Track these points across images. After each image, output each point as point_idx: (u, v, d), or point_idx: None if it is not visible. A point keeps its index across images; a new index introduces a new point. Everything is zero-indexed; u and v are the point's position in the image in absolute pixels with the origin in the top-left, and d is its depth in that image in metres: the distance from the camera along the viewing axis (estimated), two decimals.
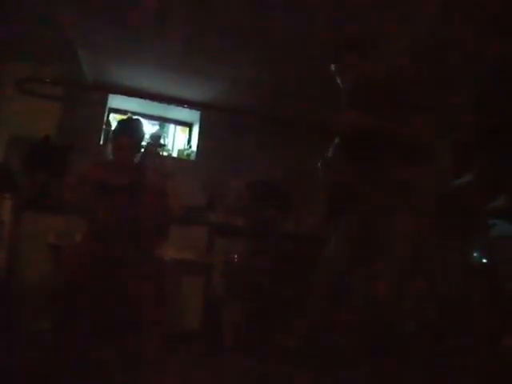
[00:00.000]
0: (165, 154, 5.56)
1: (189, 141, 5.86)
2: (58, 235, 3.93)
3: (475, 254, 3.38)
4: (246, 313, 4.08)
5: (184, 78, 4.96)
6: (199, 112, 5.75)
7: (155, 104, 5.50)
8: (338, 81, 2.70)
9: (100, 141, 5.25)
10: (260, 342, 3.72)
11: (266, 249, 4.51)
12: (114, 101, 5.50)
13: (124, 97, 5.41)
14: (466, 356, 2.87)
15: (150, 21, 3.95)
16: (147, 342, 2.63)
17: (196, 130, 5.79)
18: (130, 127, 3.01)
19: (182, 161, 5.60)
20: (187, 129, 5.95)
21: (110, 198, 2.70)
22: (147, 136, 3.08)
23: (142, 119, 3.17)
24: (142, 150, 2.97)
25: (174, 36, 4.18)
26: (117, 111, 5.63)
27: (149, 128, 5.43)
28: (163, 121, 5.81)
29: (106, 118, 5.45)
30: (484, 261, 3.34)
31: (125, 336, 2.57)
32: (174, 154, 5.71)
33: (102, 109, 5.36)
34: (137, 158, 2.94)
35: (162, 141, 3.11)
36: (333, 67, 2.71)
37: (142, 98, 5.35)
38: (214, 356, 3.46)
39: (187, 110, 5.68)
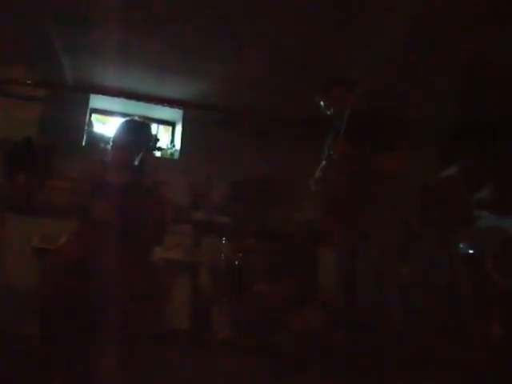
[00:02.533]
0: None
1: (172, 140, 5.83)
2: (42, 238, 3.88)
3: (462, 245, 3.42)
4: (235, 311, 4.08)
5: (166, 76, 4.93)
6: (182, 111, 5.72)
7: (137, 103, 5.46)
8: (328, 112, 2.84)
9: (82, 141, 5.20)
10: (249, 341, 3.72)
11: (253, 247, 4.51)
12: (96, 101, 5.45)
13: (106, 97, 5.36)
14: (454, 344, 2.90)
15: (131, 20, 3.92)
16: (135, 343, 2.61)
17: (179, 128, 5.76)
18: (132, 128, 2.96)
19: (165, 160, 5.57)
20: (170, 128, 5.93)
21: (106, 197, 2.66)
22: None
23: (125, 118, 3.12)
24: (142, 152, 2.91)
25: (155, 35, 4.15)
26: (98, 111, 5.58)
27: None
28: (146, 120, 5.76)
29: (87, 119, 5.39)
30: (470, 251, 3.38)
31: (113, 337, 2.53)
32: (158, 154, 5.67)
33: (83, 109, 5.31)
34: (136, 160, 2.89)
35: (158, 144, 3.07)
36: (321, 103, 2.86)
37: (123, 97, 5.30)
38: (202, 355, 3.45)
39: (170, 109, 5.65)
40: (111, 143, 2.91)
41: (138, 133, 2.91)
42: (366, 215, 2.61)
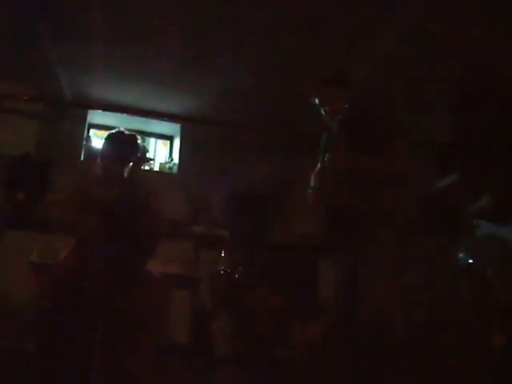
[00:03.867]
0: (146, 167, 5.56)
1: (170, 154, 5.84)
2: (40, 253, 3.86)
3: (461, 255, 3.40)
4: (235, 325, 4.06)
5: (164, 91, 4.96)
6: (180, 125, 5.73)
7: (135, 118, 5.48)
8: (322, 112, 2.83)
9: (80, 156, 5.20)
10: (249, 355, 3.70)
11: (251, 260, 4.50)
12: (94, 116, 5.47)
13: (104, 112, 5.37)
14: (455, 356, 2.88)
15: (129, 36, 3.95)
16: (136, 358, 2.59)
17: (177, 143, 5.77)
18: (119, 140, 2.96)
19: (163, 174, 5.58)
20: (168, 142, 5.94)
21: (97, 212, 2.66)
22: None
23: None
24: (131, 164, 2.91)
25: (153, 50, 4.18)
26: (97, 126, 5.59)
27: None
28: (144, 135, 5.77)
29: (85, 134, 5.40)
30: (470, 261, 3.36)
31: (113, 352, 2.52)
32: (156, 168, 5.69)
33: (81, 124, 5.32)
34: (125, 172, 2.89)
35: (148, 155, 3.06)
36: (315, 100, 2.84)
37: (121, 112, 5.32)
38: (202, 369, 3.43)
39: (168, 123, 5.66)
40: (100, 156, 2.92)
41: (123, 145, 2.91)
42: (366, 226, 2.60)
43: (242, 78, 4.52)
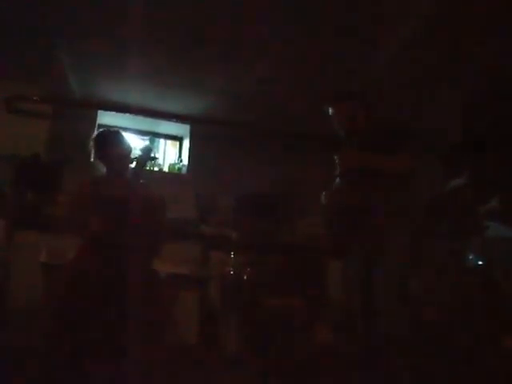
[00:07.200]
0: (155, 168, 5.58)
1: (179, 155, 5.85)
2: (49, 254, 3.88)
3: (471, 256, 3.39)
4: (244, 326, 4.05)
5: (173, 91, 4.97)
6: (189, 126, 5.74)
7: (145, 119, 5.49)
8: (336, 124, 2.84)
9: (90, 157, 5.21)
10: (258, 356, 3.69)
11: (261, 261, 4.49)
12: (104, 117, 5.48)
13: (113, 112, 5.39)
14: (465, 357, 2.86)
15: (137, 36, 3.95)
16: (144, 357, 2.60)
17: (186, 143, 5.78)
18: (116, 139, 2.96)
19: (173, 175, 5.59)
20: (177, 143, 5.95)
21: (103, 211, 2.67)
22: (137, 149, 3.00)
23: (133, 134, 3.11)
24: (133, 162, 2.91)
25: (162, 50, 4.18)
26: (106, 127, 5.60)
27: (139, 142, 5.43)
28: (153, 135, 5.80)
29: None
30: (480, 262, 3.35)
31: (122, 351, 2.52)
32: (165, 169, 5.70)
33: (91, 125, 5.33)
34: (128, 171, 2.89)
35: (152, 154, 3.05)
36: (330, 112, 2.84)
37: (131, 113, 5.33)
38: (210, 370, 3.42)
39: (177, 124, 5.67)
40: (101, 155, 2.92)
41: (112, 143, 2.90)
42: (379, 227, 2.58)
43: (251, 78, 4.52)
